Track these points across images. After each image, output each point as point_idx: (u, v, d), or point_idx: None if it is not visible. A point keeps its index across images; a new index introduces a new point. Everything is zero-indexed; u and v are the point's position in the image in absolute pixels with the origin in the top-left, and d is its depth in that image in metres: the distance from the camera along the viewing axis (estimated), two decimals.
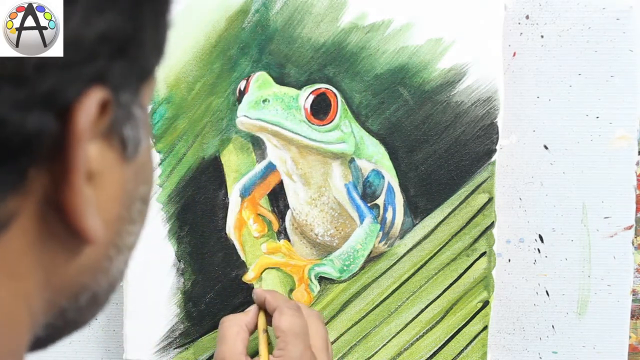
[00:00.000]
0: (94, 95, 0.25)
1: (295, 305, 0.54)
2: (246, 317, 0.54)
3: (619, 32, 0.57)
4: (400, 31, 0.57)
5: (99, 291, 0.30)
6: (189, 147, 0.59)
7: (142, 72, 0.28)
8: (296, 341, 0.51)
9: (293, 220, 0.59)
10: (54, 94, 0.24)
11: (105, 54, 0.25)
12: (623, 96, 0.58)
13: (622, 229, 0.59)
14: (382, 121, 0.58)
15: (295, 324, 0.51)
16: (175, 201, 0.59)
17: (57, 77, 0.24)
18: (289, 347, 0.50)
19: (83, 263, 0.28)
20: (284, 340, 0.51)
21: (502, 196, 0.59)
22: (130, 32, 0.26)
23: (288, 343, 0.51)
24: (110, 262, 0.30)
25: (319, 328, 0.53)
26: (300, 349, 0.50)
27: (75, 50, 0.24)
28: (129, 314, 0.59)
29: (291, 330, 0.51)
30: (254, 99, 0.57)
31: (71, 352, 0.62)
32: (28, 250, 0.26)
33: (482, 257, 0.58)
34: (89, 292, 0.30)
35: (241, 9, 0.58)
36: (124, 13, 0.26)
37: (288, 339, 0.51)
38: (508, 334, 0.61)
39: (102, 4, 0.25)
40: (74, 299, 0.29)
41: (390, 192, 0.58)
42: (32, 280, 0.27)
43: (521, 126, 0.59)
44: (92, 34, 0.25)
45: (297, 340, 0.51)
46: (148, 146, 0.31)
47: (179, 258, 0.59)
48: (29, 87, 0.23)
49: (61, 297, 0.29)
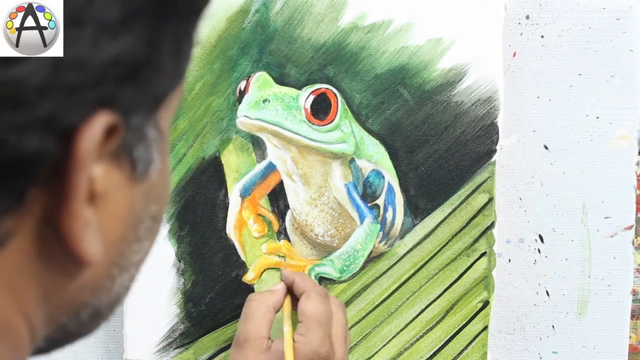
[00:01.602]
0: (99, 120, 0.24)
1: (323, 291, 0.54)
2: (274, 297, 0.54)
3: (619, 32, 0.57)
4: (400, 31, 0.57)
5: (101, 307, 0.30)
6: (189, 147, 0.59)
7: (156, 96, 0.27)
8: (318, 328, 0.51)
9: (293, 220, 0.59)
10: (55, 117, 0.23)
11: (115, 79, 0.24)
12: (623, 96, 0.58)
13: (622, 229, 0.59)
14: (382, 121, 0.58)
15: (320, 311, 0.51)
16: (176, 201, 0.59)
17: (59, 100, 0.23)
18: (309, 334, 0.50)
19: (83, 282, 0.28)
20: (306, 325, 0.51)
21: (502, 196, 0.59)
22: (144, 56, 0.25)
23: (310, 329, 0.51)
24: (113, 281, 0.29)
25: (341, 318, 0.53)
26: (320, 336, 0.50)
27: (80, 74, 0.23)
28: (129, 314, 0.59)
29: (315, 317, 0.51)
30: (254, 99, 0.57)
31: (71, 352, 0.62)
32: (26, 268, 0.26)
33: (482, 257, 0.58)
34: (90, 308, 0.29)
35: (241, 9, 0.58)
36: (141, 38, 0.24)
37: (310, 325, 0.51)
38: (508, 334, 0.61)
39: (117, 28, 0.24)
40: (74, 315, 0.29)
41: (390, 192, 0.58)
42: (31, 296, 0.26)
43: (521, 126, 0.59)
44: (102, 58, 0.24)
45: (319, 327, 0.51)
46: (163, 166, 0.29)
47: (179, 258, 0.59)
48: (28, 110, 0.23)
49: (61, 313, 0.28)
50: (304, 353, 0.50)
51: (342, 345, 0.52)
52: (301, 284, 0.54)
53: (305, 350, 0.50)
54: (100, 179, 0.25)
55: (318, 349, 0.50)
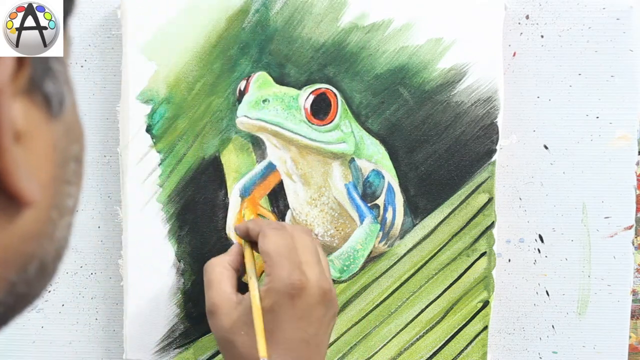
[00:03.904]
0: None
1: (278, 224, 0.52)
2: (228, 256, 0.53)
3: (619, 32, 0.57)
4: (400, 31, 0.57)
5: (46, 259, 0.29)
6: (189, 147, 0.59)
7: None
8: (283, 261, 0.49)
9: (293, 220, 0.59)
10: None
11: None
12: (623, 96, 0.58)
13: (622, 229, 0.59)
14: (382, 121, 0.58)
15: (280, 244, 0.49)
16: (175, 201, 0.59)
17: None
18: (275, 270, 0.48)
19: (25, 229, 0.27)
20: (269, 263, 0.49)
21: (502, 196, 0.59)
22: None
23: (274, 265, 0.49)
24: (54, 225, 0.29)
25: (306, 243, 0.51)
26: (287, 269, 0.48)
27: None
28: (129, 314, 0.59)
29: (276, 252, 0.49)
30: (254, 99, 0.57)
31: (71, 352, 0.62)
32: None
33: (482, 257, 0.58)
34: (36, 261, 0.29)
35: (241, 9, 0.58)
36: None
37: (274, 261, 0.49)
38: (508, 334, 0.61)
39: None
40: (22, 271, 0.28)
41: (390, 192, 0.58)
42: None
43: (521, 126, 0.59)
44: None
45: (283, 260, 0.49)
46: (74, 103, 0.30)
47: (179, 258, 0.59)
48: None
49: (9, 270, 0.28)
50: (275, 290, 0.48)
51: (315, 268, 0.49)
52: (254, 227, 0.52)
53: (276, 286, 0.48)
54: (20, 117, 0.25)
55: (288, 280, 0.48)
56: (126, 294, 0.59)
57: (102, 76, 0.60)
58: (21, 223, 0.27)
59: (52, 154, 0.27)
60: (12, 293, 0.28)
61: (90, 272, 0.62)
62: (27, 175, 0.25)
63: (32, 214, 0.27)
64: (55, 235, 0.29)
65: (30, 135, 0.26)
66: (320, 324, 0.49)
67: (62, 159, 0.28)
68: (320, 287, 0.49)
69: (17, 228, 0.27)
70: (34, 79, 0.26)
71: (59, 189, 0.29)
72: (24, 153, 0.26)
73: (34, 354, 0.62)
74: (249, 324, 0.48)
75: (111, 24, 0.60)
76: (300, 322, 0.48)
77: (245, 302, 0.49)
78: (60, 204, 0.29)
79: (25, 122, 0.25)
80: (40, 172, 0.27)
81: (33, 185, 0.25)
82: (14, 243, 0.27)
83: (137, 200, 0.59)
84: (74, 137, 0.30)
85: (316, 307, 0.49)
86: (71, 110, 0.29)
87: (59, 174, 0.28)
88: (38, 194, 0.26)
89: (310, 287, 0.49)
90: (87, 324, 0.62)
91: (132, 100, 0.58)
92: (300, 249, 0.50)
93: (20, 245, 0.27)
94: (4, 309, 0.29)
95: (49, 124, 0.27)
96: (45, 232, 0.29)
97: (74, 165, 0.30)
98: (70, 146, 0.29)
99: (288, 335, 0.48)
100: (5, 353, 0.62)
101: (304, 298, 0.48)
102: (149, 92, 0.58)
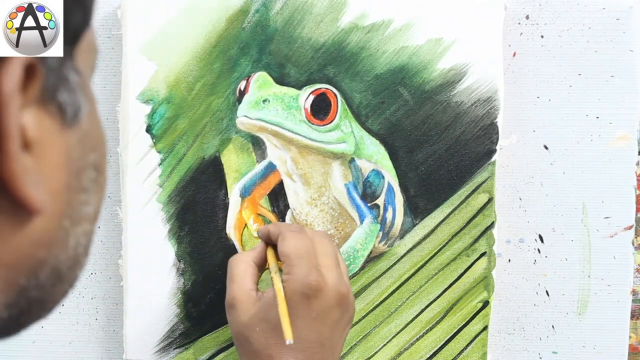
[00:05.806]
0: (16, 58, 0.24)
1: (298, 227, 0.53)
2: (253, 252, 0.53)
3: (619, 32, 0.57)
4: (400, 31, 0.57)
5: (60, 266, 0.29)
6: (189, 147, 0.59)
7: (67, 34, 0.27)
8: (300, 263, 0.49)
9: (293, 220, 0.59)
10: None
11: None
12: (623, 96, 0.58)
13: (622, 229, 0.59)
14: (382, 121, 0.58)
15: (299, 246, 0.50)
16: (175, 201, 0.59)
17: None
18: (294, 270, 0.49)
19: (35, 236, 0.27)
20: (288, 264, 0.49)
21: (502, 196, 0.59)
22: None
23: (293, 266, 0.49)
24: (66, 233, 0.29)
25: (326, 247, 0.52)
26: (305, 269, 0.49)
27: None
28: (129, 314, 0.59)
29: (294, 253, 0.49)
30: (254, 99, 0.57)
31: (71, 352, 0.62)
32: None
33: (482, 257, 0.58)
34: (48, 267, 0.29)
35: (241, 9, 0.58)
36: None
37: (292, 262, 0.49)
38: (508, 334, 0.61)
39: None
40: (33, 276, 0.28)
41: (390, 192, 0.58)
42: None
43: (521, 126, 0.59)
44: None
45: (301, 261, 0.49)
46: (93, 112, 0.30)
47: (179, 258, 0.59)
48: None
49: (17, 274, 0.28)
50: (293, 289, 0.48)
51: (333, 272, 0.50)
52: (275, 230, 0.53)
53: (293, 286, 0.48)
54: (31, 125, 0.25)
55: (305, 280, 0.48)
56: (126, 294, 0.59)
57: (102, 76, 0.60)
58: (31, 229, 0.27)
59: (65, 162, 0.28)
60: (24, 297, 0.28)
61: (90, 272, 0.62)
62: (36, 183, 0.25)
63: (43, 221, 0.27)
64: (69, 242, 0.29)
65: (42, 144, 0.26)
66: (335, 327, 0.50)
67: (76, 168, 0.29)
68: (337, 290, 0.49)
69: (27, 234, 0.27)
70: (47, 88, 0.26)
71: (72, 197, 0.29)
72: (34, 161, 0.26)
73: (34, 354, 0.62)
74: (264, 320, 0.49)
75: (111, 24, 0.60)
76: (315, 323, 0.48)
77: (264, 299, 0.50)
78: (75, 212, 0.29)
79: (37, 131, 0.26)
80: (52, 181, 0.27)
81: (41, 193, 0.26)
82: (24, 248, 0.27)
83: (137, 200, 0.59)
84: (91, 146, 0.30)
85: (332, 310, 0.49)
86: (89, 119, 0.29)
87: (73, 182, 0.28)
88: (47, 201, 0.26)
89: (328, 289, 0.49)
90: (87, 324, 0.62)
91: (132, 100, 0.58)
92: (319, 252, 0.51)
93: (30, 251, 0.28)
94: (17, 312, 0.29)
95: (62, 133, 0.27)
96: (56, 239, 0.29)
97: (92, 174, 0.30)
98: (86, 155, 0.29)
99: (303, 336, 0.48)
100: (5, 353, 0.62)
101: (321, 299, 0.49)
102: (149, 92, 0.58)
